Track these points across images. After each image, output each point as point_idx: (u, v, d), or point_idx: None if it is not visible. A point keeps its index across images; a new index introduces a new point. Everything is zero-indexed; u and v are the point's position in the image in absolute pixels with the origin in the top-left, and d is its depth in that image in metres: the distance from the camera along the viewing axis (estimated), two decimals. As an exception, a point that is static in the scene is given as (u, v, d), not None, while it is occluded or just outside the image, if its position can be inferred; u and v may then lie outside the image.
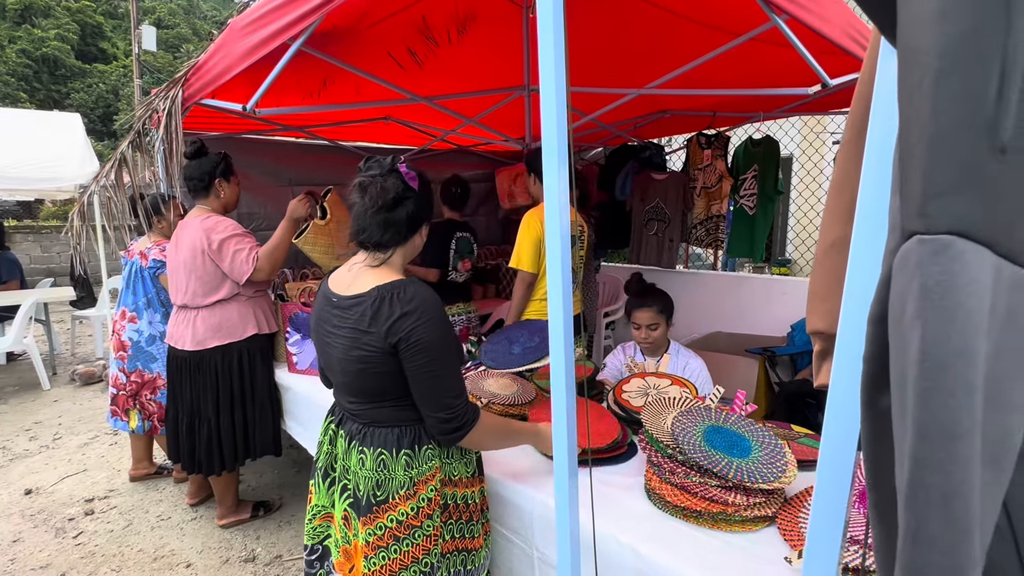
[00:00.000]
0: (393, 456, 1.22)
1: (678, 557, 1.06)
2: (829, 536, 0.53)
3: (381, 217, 1.23)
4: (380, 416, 1.25)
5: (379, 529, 1.21)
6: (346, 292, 1.24)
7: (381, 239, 1.24)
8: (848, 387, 0.51)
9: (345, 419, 1.32)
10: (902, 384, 0.28)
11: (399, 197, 1.24)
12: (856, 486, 0.56)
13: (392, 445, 1.22)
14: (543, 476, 1.41)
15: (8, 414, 4.13)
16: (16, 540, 2.50)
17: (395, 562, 1.21)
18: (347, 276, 1.28)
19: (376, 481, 1.21)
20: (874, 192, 0.49)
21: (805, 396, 2.76)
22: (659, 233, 3.96)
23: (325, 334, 1.28)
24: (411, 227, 1.28)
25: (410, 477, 1.22)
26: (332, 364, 1.28)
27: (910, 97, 0.26)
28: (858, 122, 0.62)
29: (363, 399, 1.26)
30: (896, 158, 0.30)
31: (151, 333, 2.83)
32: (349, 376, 1.24)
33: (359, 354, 1.19)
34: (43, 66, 25.52)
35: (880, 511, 0.41)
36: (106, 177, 2.42)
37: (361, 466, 1.23)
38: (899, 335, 0.28)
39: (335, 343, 1.24)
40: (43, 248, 10.66)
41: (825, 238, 0.70)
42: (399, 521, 1.21)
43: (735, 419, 1.38)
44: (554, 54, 0.78)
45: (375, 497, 1.21)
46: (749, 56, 2.33)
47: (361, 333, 1.18)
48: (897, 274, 0.28)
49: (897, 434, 0.29)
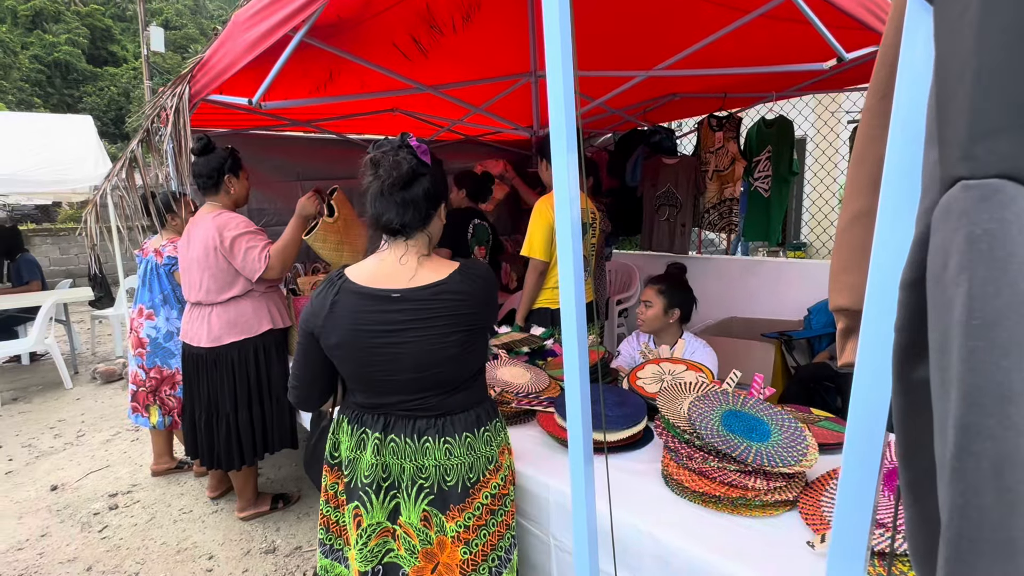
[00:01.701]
0: (477, 435, 1.24)
1: (698, 543, 1.05)
2: (857, 520, 0.51)
3: (399, 196, 1.18)
4: (456, 403, 1.23)
5: (477, 510, 1.22)
6: (410, 284, 1.18)
7: (403, 220, 1.19)
8: (876, 362, 0.48)
9: (396, 421, 1.22)
10: (944, 348, 0.25)
11: (414, 172, 1.18)
12: (882, 468, 0.53)
13: (474, 426, 1.24)
14: (557, 463, 1.40)
15: (33, 412, 4.22)
16: (44, 535, 2.56)
17: (494, 535, 1.24)
18: (392, 269, 1.20)
19: (468, 465, 1.22)
20: (902, 152, 0.46)
21: (823, 379, 2.72)
22: (671, 218, 3.91)
23: (381, 335, 1.17)
24: (430, 205, 1.22)
25: (493, 451, 1.26)
26: (398, 366, 1.18)
27: (951, 32, 0.24)
28: (881, 86, 0.59)
29: (438, 390, 1.21)
30: (932, 106, 0.28)
31: (168, 329, 2.86)
32: (427, 370, 1.18)
33: (458, 337, 1.18)
34: (55, 71, 25.86)
35: (914, 490, 0.39)
36: (117, 176, 2.44)
37: (448, 456, 1.20)
38: (940, 294, 0.26)
39: (408, 339, 1.16)
40: (61, 250, 10.85)
41: (847, 211, 0.67)
42: (492, 495, 1.24)
43: (753, 403, 1.35)
44: (560, 36, 0.75)
45: (469, 481, 1.21)
46: (760, 33, 2.27)
47: (457, 317, 1.18)
48: (937, 228, 0.26)
49: (937, 405, 0.27)
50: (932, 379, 0.27)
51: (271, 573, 2.23)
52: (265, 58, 1.87)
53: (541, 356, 2.15)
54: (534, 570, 1.40)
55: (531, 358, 2.11)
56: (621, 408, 1.48)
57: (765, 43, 2.46)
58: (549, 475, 1.35)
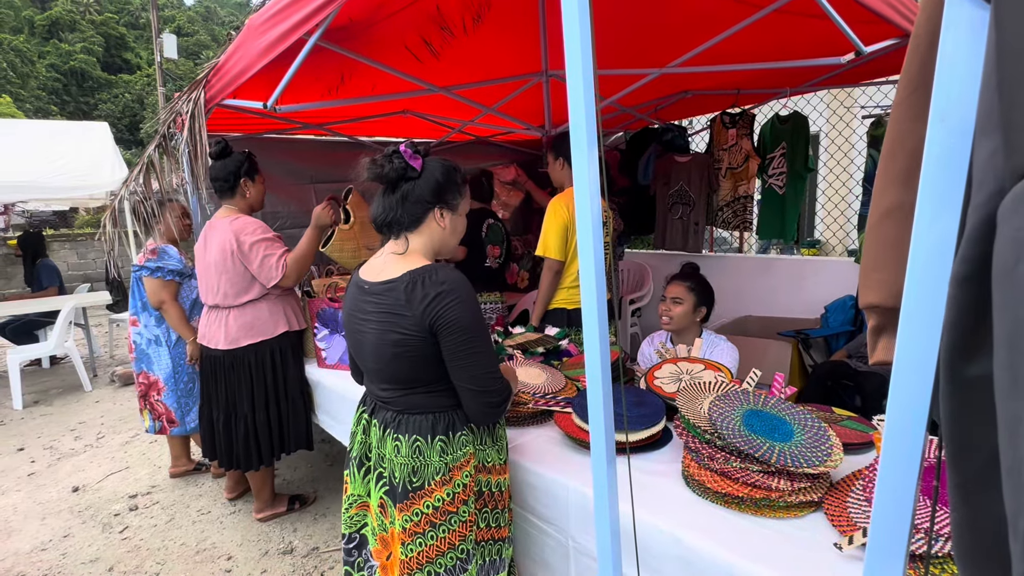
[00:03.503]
0: (428, 442, 1.22)
1: (722, 545, 1.03)
2: (896, 523, 0.50)
3: (388, 199, 1.27)
4: (414, 403, 1.25)
5: (416, 516, 1.21)
6: (377, 279, 1.26)
7: (387, 219, 1.27)
8: (915, 360, 0.47)
9: (378, 408, 1.33)
10: (1016, 344, 0.24)
11: (400, 177, 1.25)
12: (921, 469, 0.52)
13: (427, 431, 1.23)
14: (576, 464, 1.39)
15: (54, 415, 4.29)
16: (67, 535, 2.59)
17: (432, 548, 1.21)
18: (378, 263, 1.31)
19: (412, 468, 1.22)
20: (942, 144, 0.45)
21: (841, 378, 2.68)
22: (684, 217, 3.88)
23: (358, 322, 1.29)
24: (419, 208, 1.26)
25: (445, 463, 1.22)
26: (365, 352, 1.29)
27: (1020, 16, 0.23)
28: (914, 78, 0.58)
29: (396, 386, 1.27)
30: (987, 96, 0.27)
31: (148, 336, 2.85)
32: (383, 363, 1.25)
33: (394, 338, 1.20)
34: (71, 79, 26.33)
35: (963, 492, 0.38)
36: (135, 182, 2.47)
37: (396, 453, 1.24)
38: (1013, 288, 0.24)
39: (368, 329, 1.25)
40: (79, 255, 11.02)
41: (878, 207, 0.65)
42: (435, 507, 1.21)
43: (775, 402, 1.33)
44: (580, 33, 0.75)
45: (411, 484, 1.22)
46: (775, 28, 2.24)
47: (396, 317, 1.19)
48: (1007, 220, 0.25)
49: (1006, 405, 0.25)
50: (999, 378, 0.26)
51: (289, 574, 2.24)
52: (279, 62, 1.89)
53: (556, 356, 2.15)
54: (552, 572, 1.39)
55: (546, 358, 2.10)
56: (640, 408, 1.47)
57: (780, 38, 2.43)
58: (568, 475, 1.34)
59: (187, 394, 2.87)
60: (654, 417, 1.43)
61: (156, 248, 2.74)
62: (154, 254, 2.72)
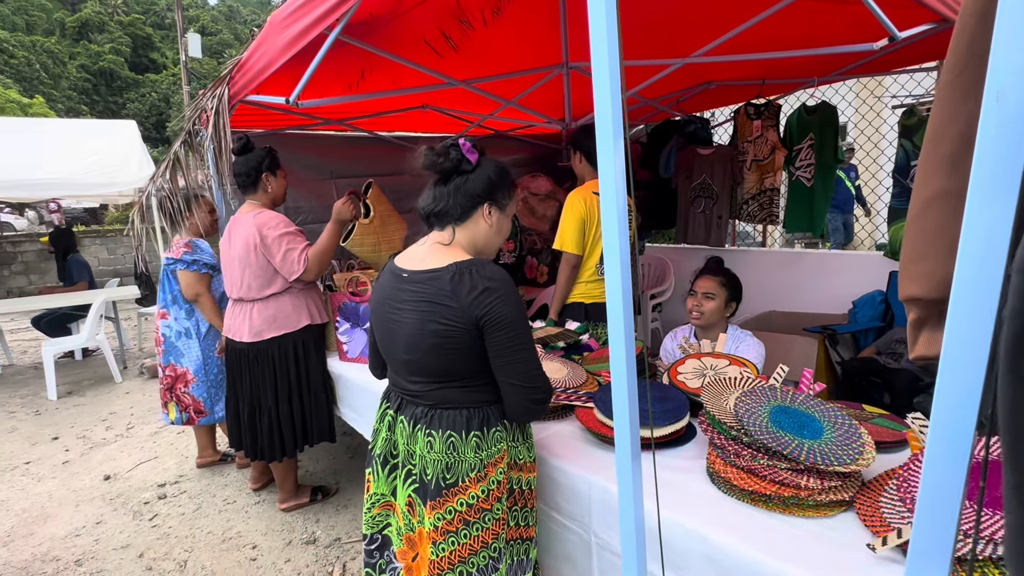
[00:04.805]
0: (463, 438, 1.20)
1: (749, 543, 1.01)
2: (941, 526, 0.48)
3: (440, 190, 1.25)
4: (447, 397, 1.23)
5: (449, 513, 1.19)
6: (418, 267, 1.23)
7: (436, 209, 1.25)
8: (965, 355, 0.45)
9: (405, 403, 1.29)
10: None
11: (454, 169, 1.24)
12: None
13: (462, 427, 1.21)
14: (598, 460, 1.38)
15: (87, 405, 4.43)
16: (99, 522, 2.67)
17: (464, 547, 1.19)
18: (419, 252, 1.28)
19: (446, 464, 1.20)
20: (997, 127, 0.42)
21: (870, 374, 2.61)
22: (707, 210, 3.81)
23: (391, 310, 1.25)
24: (469, 201, 1.24)
25: (480, 459, 1.20)
26: (397, 342, 1.25)
27: None
28: (963, 55, 0.55)
29: (428, 379, 1.23)
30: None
31: (178, 329, 2.89)
32: (417, 353, 1.21)
33: (435, 328, 1.17)
34: (100, 79, 27.02)
35: (1022, 494, 0.36)
36: (162, 178, 2.52)
37: (429, 449, 1.21)
38: None
39: (404, 319, 1.22)
40: (109, 250, 11.34)
41: (920, 195, 0.62)
42: (469, 504, 1.19)
43: (803, 399, 1.30)
44: (606, 23, 0.73)
45: (444, 480, 1.19)
46: (803, 14, 2.18)
47: (439, 307, 1.16)
48: None
49: None
50: None
51: (312, 563, 2.27)
52: (300, 58, 1.90)
53: (577, 351, 2.13)
54: (574, 568, 1.38)
55: (566, 353, 2.09)
56: (663, 403, 1.44)
57: (808, 25, 2.36)
58: (590, 471, 1.32)
59: (216, 384, 2.93)
60: (678, 412, 1.41)
61: (189, 242, 2.79)
62: (188, 247, 2.77)
